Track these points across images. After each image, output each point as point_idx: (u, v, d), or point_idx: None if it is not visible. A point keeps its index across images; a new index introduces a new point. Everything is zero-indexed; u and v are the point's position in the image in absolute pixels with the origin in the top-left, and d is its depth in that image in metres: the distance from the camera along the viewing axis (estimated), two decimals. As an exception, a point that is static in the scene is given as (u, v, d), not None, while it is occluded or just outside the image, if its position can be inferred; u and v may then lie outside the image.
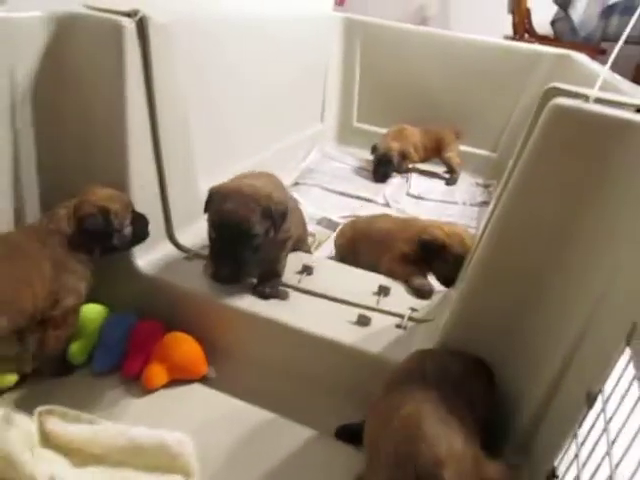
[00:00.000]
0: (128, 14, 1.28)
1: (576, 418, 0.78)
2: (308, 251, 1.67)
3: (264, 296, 1.30)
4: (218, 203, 1.19)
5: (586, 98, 0.94)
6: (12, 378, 1.14)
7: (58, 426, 1.02)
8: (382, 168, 2.62)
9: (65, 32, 1.26)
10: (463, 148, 2.81)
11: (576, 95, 0.96)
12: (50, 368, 1.19)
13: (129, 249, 1.31)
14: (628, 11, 3.95)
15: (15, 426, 0.96)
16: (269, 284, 1.32)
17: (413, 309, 1.32)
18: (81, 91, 1.30)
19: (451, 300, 1.23)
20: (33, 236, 1.13)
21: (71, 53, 1.28)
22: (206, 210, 1.23)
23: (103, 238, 1.20)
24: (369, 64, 2.99)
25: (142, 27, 1.28)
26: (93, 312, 1.27)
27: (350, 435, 1.12)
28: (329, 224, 2.10)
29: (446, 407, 0.82)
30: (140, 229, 1.28)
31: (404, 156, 2.64)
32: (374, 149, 2.66)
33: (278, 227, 1.22)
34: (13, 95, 1.21)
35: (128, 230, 1.24)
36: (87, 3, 1.31)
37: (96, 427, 1.04)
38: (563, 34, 4.27)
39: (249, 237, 1.17)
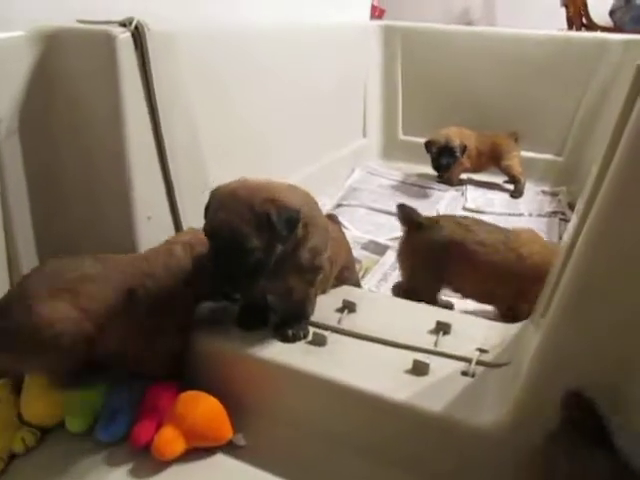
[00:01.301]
0: (123, 24, 1.12)
1: None
2: (357, 282, 1.42)
3: (287, 339, 1.09)
4: (212, 210, 0.98)
5: None
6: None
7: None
8: (444, 159, 2.36)
9: (54, 50, 1.11)
10: (523, 154, 2.50)
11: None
12: None
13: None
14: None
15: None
16: (295, 326, 1.10)
17: (482, 350, 1.05)
18: (75, 114, 1.15)
19: (530, 336, 0.96)
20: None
21: (62, 72, 1.13)
22: (205, 216, 1.01)
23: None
24: (412, 72, 2.76)
25: (139, 37, 1.12)
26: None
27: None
28: (376, 248, 1.86)
29: None
30: None
31: (464, 149, 2.37)
32: (428, 144, 2.39)
33: (284, 238, 0.98)
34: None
35: None
36: (80, 18, 1.17)
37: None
38: (624, 24, 3.94)
39: (244, 253, 0.95)
